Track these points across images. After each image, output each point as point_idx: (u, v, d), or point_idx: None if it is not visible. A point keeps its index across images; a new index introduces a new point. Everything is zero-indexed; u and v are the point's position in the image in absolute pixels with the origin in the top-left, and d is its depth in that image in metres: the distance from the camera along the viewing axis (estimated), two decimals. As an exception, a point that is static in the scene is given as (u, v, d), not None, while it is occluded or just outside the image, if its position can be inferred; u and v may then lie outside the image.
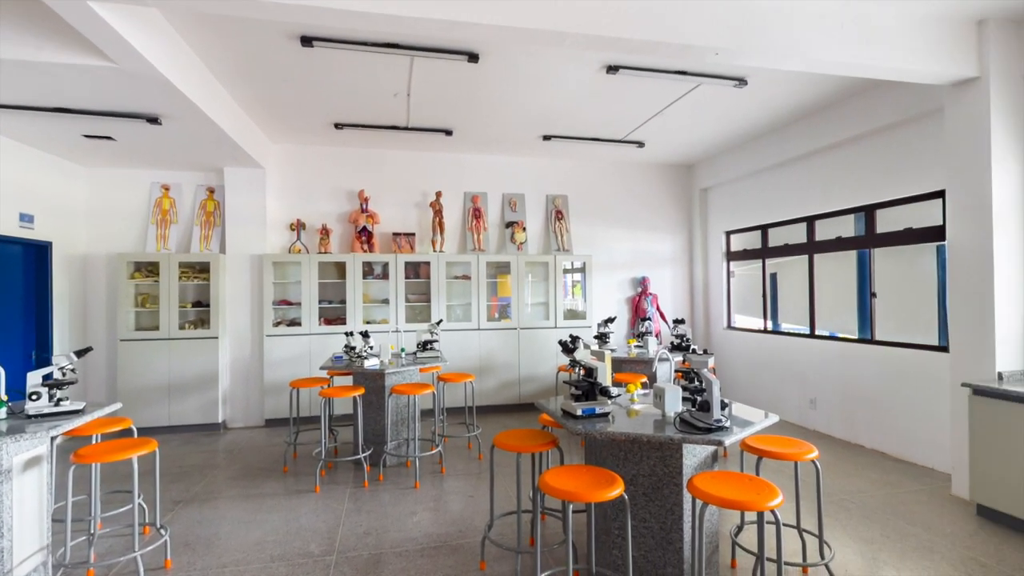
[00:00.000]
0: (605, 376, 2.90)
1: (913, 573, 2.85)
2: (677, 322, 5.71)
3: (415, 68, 4.34)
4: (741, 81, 4.60)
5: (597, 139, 6.38)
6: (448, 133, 6.01)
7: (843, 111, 5.13)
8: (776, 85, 4.76)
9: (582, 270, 6.99)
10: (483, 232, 6.92)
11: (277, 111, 5.31)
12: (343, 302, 6.33)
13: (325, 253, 6.31)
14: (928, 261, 4.74)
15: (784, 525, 3.17)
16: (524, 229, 7.02)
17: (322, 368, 4.61)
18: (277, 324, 6.12)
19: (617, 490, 2.21)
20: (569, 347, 3.19)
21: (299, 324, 6.12)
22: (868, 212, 5.13)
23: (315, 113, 5.40)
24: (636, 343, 5.71)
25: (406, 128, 5.87)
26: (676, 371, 3.14)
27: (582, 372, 2.94)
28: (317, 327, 6.13)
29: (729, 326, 7.25)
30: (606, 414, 2.74)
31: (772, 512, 2.09)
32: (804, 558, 2.97)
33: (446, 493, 4.02)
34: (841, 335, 5.55)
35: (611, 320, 5.72)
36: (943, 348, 4.37)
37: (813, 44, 3.40)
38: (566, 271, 7.07)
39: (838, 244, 5.50)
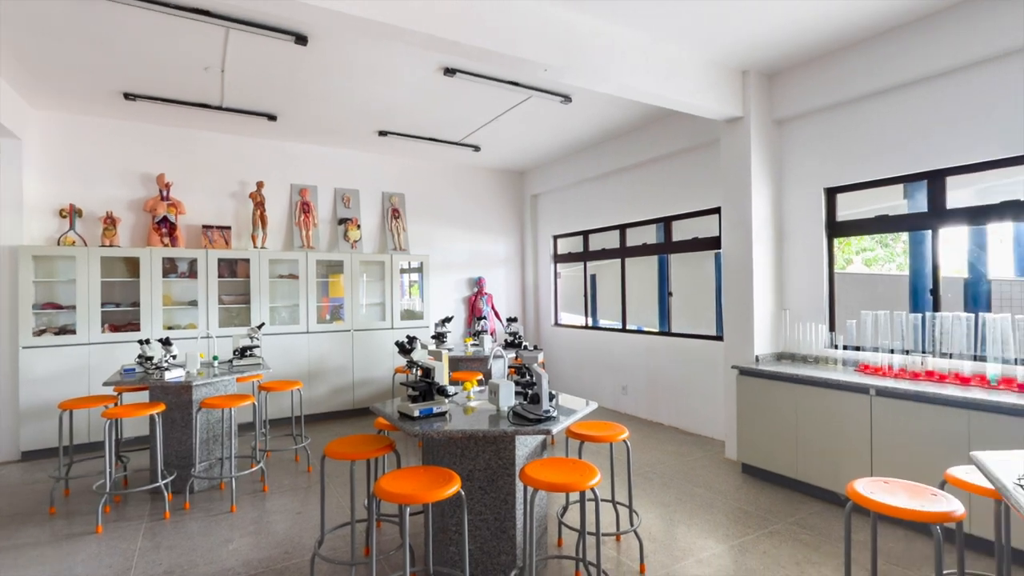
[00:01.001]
0: (443, 375, 2.92)
1: (698, 526, 3.41)
2: (511, 320, 6.01)
3: (231, 41, 3.87)
4: (567, 98, 5.02)
5: (435, 139, 6.40)
6: (272, 118, 5.48)
7: (647, 134, 5.91)
8: (595, 106, 5.29)
9: (420, 270, 6.95)
10: (313, 228, 6.45)
11: (41, 68, 4.29)
12: (136, 305, 5.36)
13: (111, 246, 5.28)
14: (709, 266, 5.72)
15: (602, 500, 3.55)
16: (359, 227, 6.73)
17: (107, 384, 3.82)
18: (40, 332, 4.94)
19: (454, 487, 2.24)
20: (406, 348, 3.14)
21: (73, 332, 5.02)
22: (666, 223, 5.99)
23: (97, 78, 4.49)
24: (472, 342, 5.86)
25: (220, 108, 5.21)
26: (509, 367, 3.30)
27: (419, 373, 2.92)
28: (99, 335, 5.09)
29: (556, 323, 7.85)
30: (443, 413, 2.76)
31: (592, 490, 2.32)
32: (618, 527, 3.35)
33: (269, 513, 3.66)
34: (646, 329, 6.39)
35: (448, 320, 5.78)
36: (719, 338, 5.30)
37: (625, 72, 3.86)
38: (403, 271, 6.96)
39: (644, 250, 6.32)
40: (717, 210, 5.30)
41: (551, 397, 2.74)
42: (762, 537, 3.25)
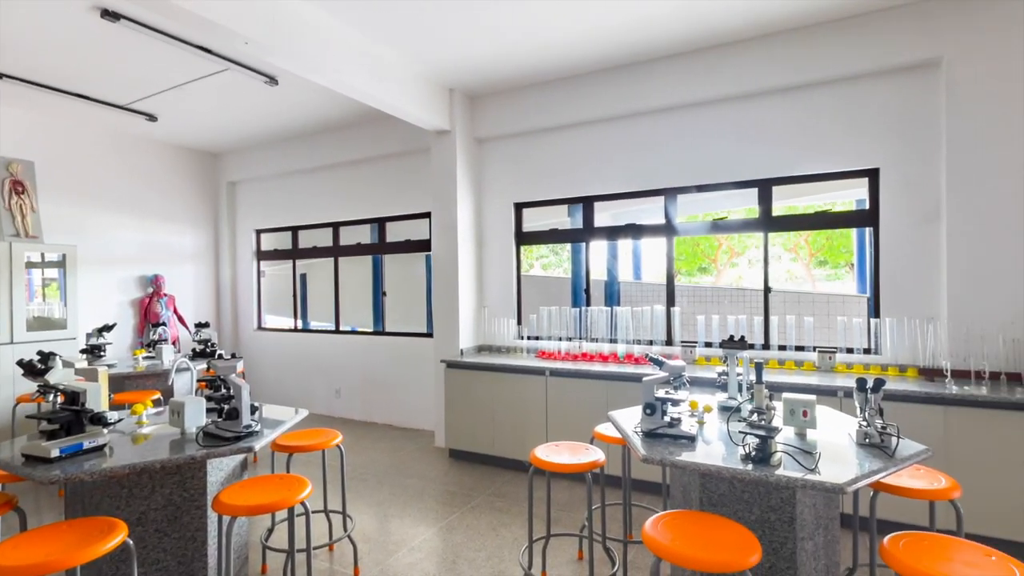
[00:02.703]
0: (99, 399, 2.30)
1: (411, 516, 3.56)
2: (200, 326, 5.14)
3: None
4: (272, 79, 4.57)
5: (87, 97, 4.97)
6: None
7: (363, 133, 5.87)
8: (307, 94, 4.97)
9: (61, 264, 5.28)
10: None
11: None
12: None
13: None
14: (421, 267, 6.04)
15: (314, 512, 3.36)
16: (-53, 200, 4.71)
17: None
18: None
19: (116, 539, 1.78)
20: (37, 368, 2.36)
21: None
22: (380, 224, 6.06)
23: None
24: (146, 354, 4.79)
25: None
26: (199, 381, 2.82)
27: (60, 399, 2.23)
28: None
29: (260, 327, 7.07)
30: (101, 447, 2.17)
31: (302, 504, 2.17)
32: (331, 536, 3.23)
33: None
34: (361, 329, 6.34)
35: (108, 328, 4.59)
36: (430, 334, 5.65)
37: (339, 65, 3.74)
38: (32, 265, 5.18)
39: (358, 249, 6.25)
40: (428, 214, 5.64)
41: (253, 410, 2.46)
42: (466, 512, 3.60)
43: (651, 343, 4.43)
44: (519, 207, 5.15)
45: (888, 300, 3.67)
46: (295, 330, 6.75)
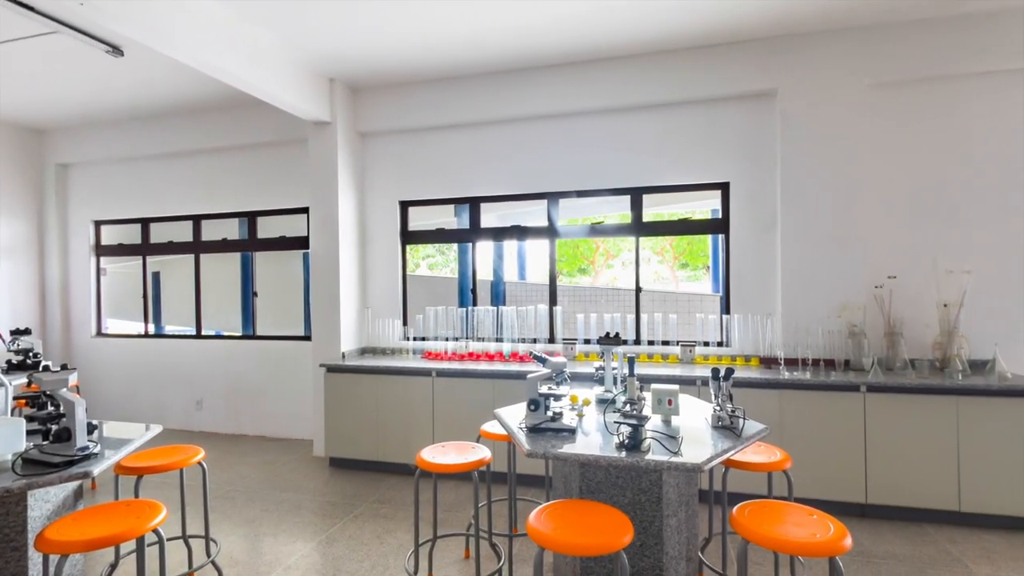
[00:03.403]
0: None
1: (287, 532, 3.32)
2: (17, 333, 4.34)
3: None
4: (117, 50, 3.99)
5: None
6: None
7: (230, 118, 5.35)
8: (161, 69, 4.42)
9: None
10: None
11: None
12: None
13: None
14: (298, 265, 5.66)
15: (170, 540, 2.99)
16: None
17: None
18: None
19: None
20: None
21: None
22: (251, 218, 5.57)
23: None
24: (-60, 368, 3.93)
25: None
26: (18, 398, 2.37)
27: None
28: None
29: (100, 333, 6.14)
30: None
31: (155, 532, 1.92)
32: (190, 565, 2.90)
33: None
34: (227, 333, 5.78)
35: None
36: (307, 337, 5.31)
37: (201, 42, 3.37)
38: None
39: (224, 245, 5.69)
40: (306, 209, 5.30)
41: (91, 429, 2.13)
42: (348, 522, 3.44)
43: (535, 341, 4.58)
44: (405, 205, 5.04)
45: (736, 299, 4.17)
46: (146, 335, 5.96)
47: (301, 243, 5.36)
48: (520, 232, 4.76)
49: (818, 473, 3.44)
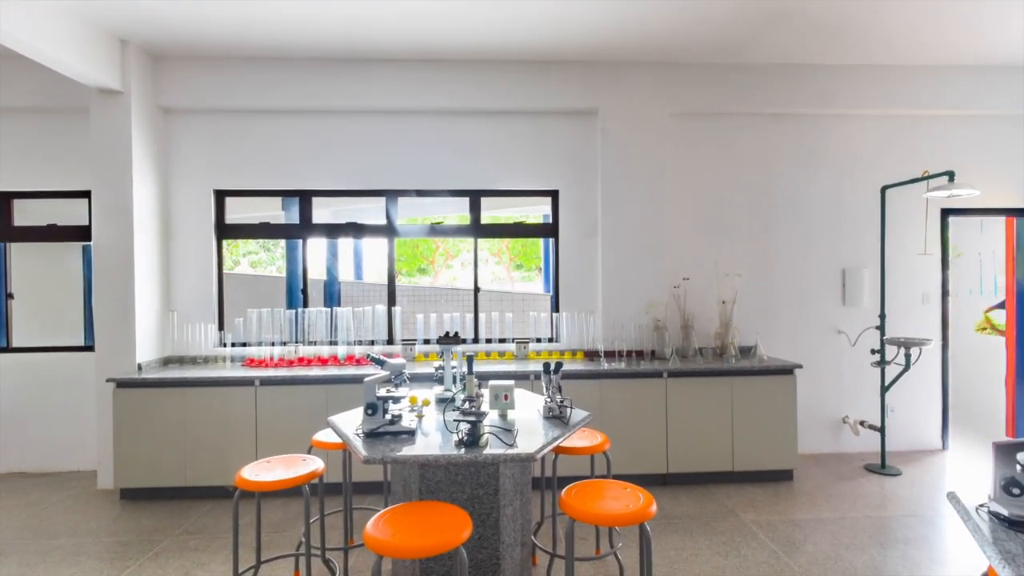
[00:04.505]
0: None
1: (58, 588, 2.71)
2: None
3: None
4: None
5: None
6: None
7: (-31, 71, 4.18)
8: None
9: None
10: None
11: None
12: None
13: None
14: (75, 260, 4.65)
15: None
16: None
17: None
18: None
19: None
20: None
21: None
22: (4, 200, 4.43)
23: None
24: None
25: None
26: None
27: None
28: None
29: None
30: None
31: None
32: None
33: None
34: (-34, 346, 4.50)
35: None
36: (90, 348, 4.41)
37: (-80, -33, 2.58)
38: None
39: (-39, 234, 4.43)
40: (87, 193, 4.39)
41: None
42: (146, 563, 2.94)
43: (372, 343, 4.42)
44: (221, 195, 4.47)
45: (564, 298, 4.53)
46: None
47: (80, 234, 4.42)
48: (356, 229, 4.55)
49: (631, 450, 3.90)
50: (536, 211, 6.02)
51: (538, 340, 4.54)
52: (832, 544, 3.07)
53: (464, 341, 4.43)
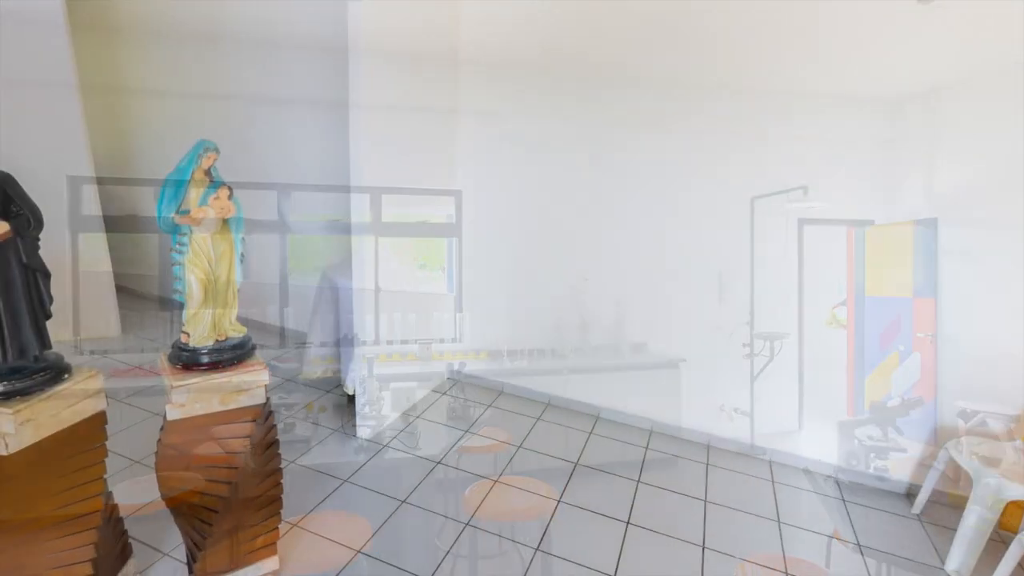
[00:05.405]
0: None
1: None
2: None
3: None
4: None
5: None
6: None
7: None
8: None
9: None
10: None
11: None
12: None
13: None
14: None
15: None
16: None
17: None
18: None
19: None
20: None
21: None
22: None
23: None
24: None
25: None
26: None
27: None
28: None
29: None
30: None
31: None
32: None
33: None
34: None
35: None
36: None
37: None
38: None
39: None
40: None
41: None
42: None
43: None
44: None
45: (468, 298, 4.56)
46: None
47: None
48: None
49: (536, 444, 4.02)
50: (440, 212, 5.96)
51: (442, 341, 4.52)
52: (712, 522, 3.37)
53: (364, 342, 4.28)
